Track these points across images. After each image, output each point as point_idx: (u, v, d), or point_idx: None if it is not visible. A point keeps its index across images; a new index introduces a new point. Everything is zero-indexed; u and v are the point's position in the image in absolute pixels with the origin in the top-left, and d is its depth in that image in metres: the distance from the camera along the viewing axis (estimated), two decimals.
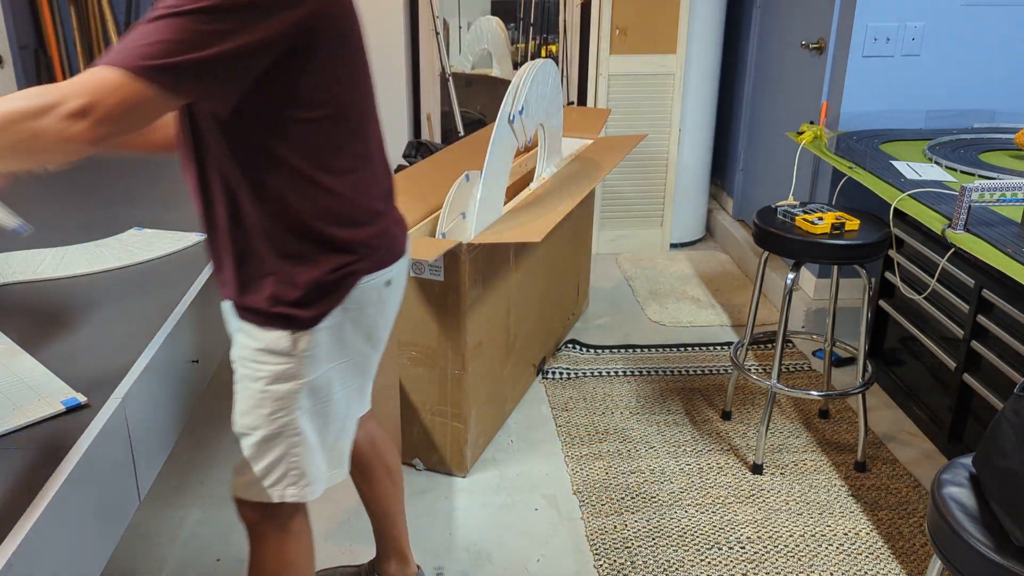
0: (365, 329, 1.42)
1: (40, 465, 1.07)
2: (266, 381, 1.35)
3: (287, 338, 1.32)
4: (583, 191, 2.59)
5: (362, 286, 1.36)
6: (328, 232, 1.31)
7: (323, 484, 1.49)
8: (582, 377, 3.02)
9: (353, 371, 1.45)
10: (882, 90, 3.08)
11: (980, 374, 2.33)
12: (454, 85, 4.11)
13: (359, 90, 1.32)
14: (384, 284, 1.41)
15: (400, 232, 1.47)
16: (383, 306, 1.43)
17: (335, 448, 1.50)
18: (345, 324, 1.37)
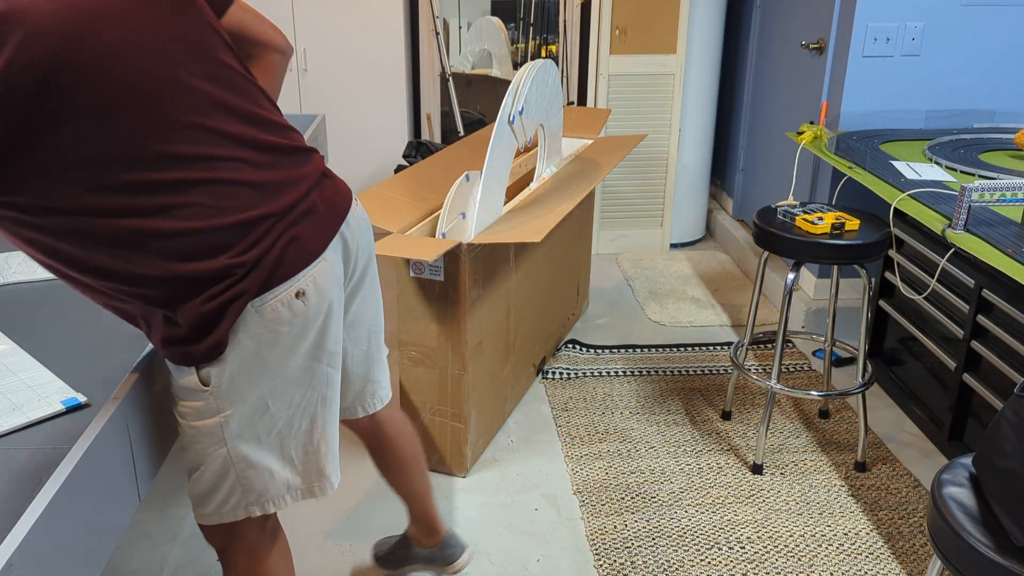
0: (292, 348, 1.31)
1: (40, 465, 1.07)
2: (192, 418, 1.31)
3: (194, 375, 1.27)
4: (583, 191, 2.59)
5: (260, 309, 1.25)
6: (179, 269, 1.19)
7: (290, 495, 1.43)
8: (582, 377, 3.02)
9: (298, 388, 1.36)
10: (882, 90, 3.08)
11: (980, 374, 2.33)
12: (454, 85, 4.11)
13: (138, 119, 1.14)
14: (294, 297, 1.28)
15: (312, 227, 1.31)
16: (306, 320, 1.30)
17: (303, 463, 1.42)
18: (261, 350, 1.28)
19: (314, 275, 1.30)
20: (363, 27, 3.82)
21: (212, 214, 1.20)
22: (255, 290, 1.24)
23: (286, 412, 1.36)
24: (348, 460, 2.53)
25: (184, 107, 1.19)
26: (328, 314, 1.35)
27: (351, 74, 3.90)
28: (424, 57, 4.01)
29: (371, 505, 2.35)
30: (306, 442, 1.41)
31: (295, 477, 1.42)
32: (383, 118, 3.98)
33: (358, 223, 1.46)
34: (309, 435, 1.41)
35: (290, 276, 1.27)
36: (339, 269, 1.38)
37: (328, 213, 1.35)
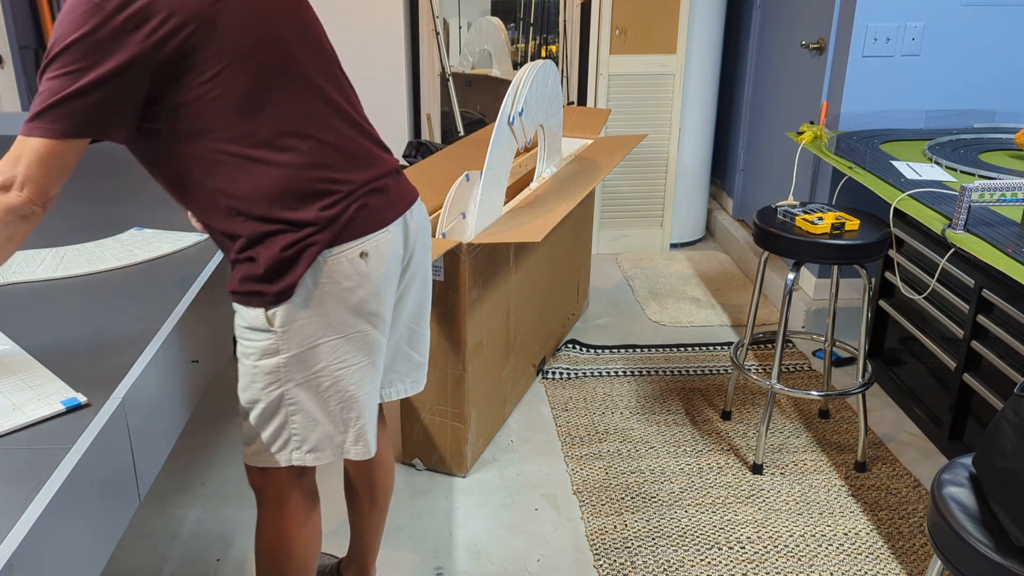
0: (350, 304, 1.44)
1: (40, 465, 1.07)
2: (255, 357, 1.45)
3: (262, 314, 1.41)
4: (583, 191, 2.59)
5: (328, 260, 1.40)
6: (272, 213, 1.37)
7: (334, 452, 1.54)
8: (582, 377, 3.02)
9: (350, 347, 1.47)
10: (882, 90, 3.08)
11: (980, 374, 2.33)
12: (454, 85, 4.11)
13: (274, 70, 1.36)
14: (358, 256, 1.42)
15: (382, 202, 1.48)
16: (365, 279, 1.44)
17: (345, 421, 1.52)
18: (324, 298, 1.42)
19: (377, 242, 1.45)
20: (363, 27, 3.82)
21: (317, 165, 1.39)
22: (326, 242, 1.39)
23: (339, 370, 1.47)
24: None
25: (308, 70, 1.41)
26: (386, 281, 1.48)
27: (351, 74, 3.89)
28: (424, 57, 4.01)
29: None
30: (352, 403, 1.51)
31: (339, 434, 1.53)
32: (383, 118, 3.98)
33: (421, 218, 1.60)
34: (355, 398, 1.51)
35: (357, 236, 1.42)
36: (400, 248, 1.51)
37: (397, 197, 1.51)
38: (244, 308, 1.43)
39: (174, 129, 1.32)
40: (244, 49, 1.32)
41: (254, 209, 1.37)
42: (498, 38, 4.81)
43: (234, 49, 1.31)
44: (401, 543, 2.21)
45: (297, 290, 1.40)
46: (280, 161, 1.37)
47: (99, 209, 2.04)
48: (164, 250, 1.77)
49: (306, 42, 1.42)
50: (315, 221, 1.39)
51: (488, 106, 4.69)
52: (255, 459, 1.54)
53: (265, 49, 1.34)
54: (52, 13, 4.12)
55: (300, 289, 1.40)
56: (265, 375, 1.45)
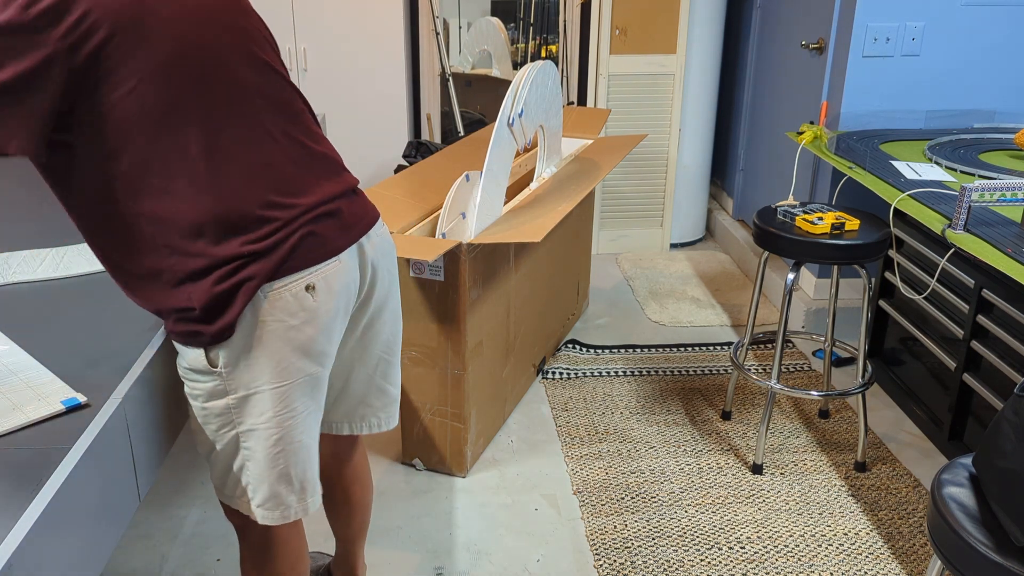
0: (296, 344, 1.32)
1: (40, 465, 1.07)
2: (203, 399, 1.35)
3: (203, 355, 1.30)
4: (583, 191, 2.59)
5: (269, 295, 1.28)
6: (200, 244, 1.24)
7: (282, 513, 1.42)
8: (582, 377, 3.02)
9: (298, 394, 1.36)
10: (882, 90, 3.08)
11: (980, 374, 2.33)
12: (454, 85, 4.11)
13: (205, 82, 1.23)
14: (303, 290, 1.30)
15: (332, 227, 1.34)
16: (313, 316, 1.32)
17: (293, 477, 1.41)
18: (267, 339, 1.29)
19: (326, 273, 1.32)
20: (363, 27, 3.82)
21: (243, 189, 1.26)
22: (266, 275, 1.26)
23: (288, 420, 1.36)
24: None
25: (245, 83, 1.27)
26: (335, 316, 1.36)
27: (351, 74, 3.90)
28: (424, 57, 4.01)
29: None
30: (299, 454, 1.41)
31: (287, 493, 1.42)
32: (383, 118, 3.98)
33: (382, 243, 1.47)
34: (304, 446, 1.41)
35: (302, 268, 1.30)
36: (354, 277, 1.39)
37: (351, 220, 1.39)
38: (182, 348, 1.32)
39: (92, 144, 1.18)
40: (171, 58, 1.19)
41: (181, 240, 1.23)
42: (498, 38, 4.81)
43: (160, 57, 1.18)
44: (401, 543, 2.21)
45: (237, 329, 1.27)
46: (209, 184, 1.23)
47: None
48: None
49: (244, 53, 1.30)
50: (250, 253, 1.25)
51: (488, 106, 4.69)
52: (223, 497, 1.46)
53: (195, 58, 1.22)
54: None
55: (240, 328, 1.27)
56: (216, 417, 1.35)
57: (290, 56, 3.86)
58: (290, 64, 3.86)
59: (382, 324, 1.55)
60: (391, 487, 2.43)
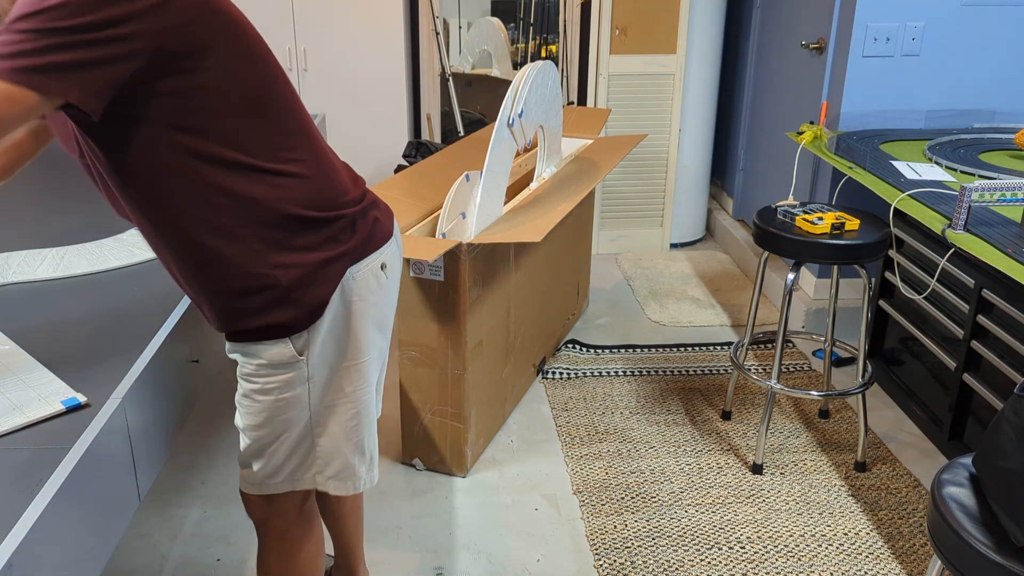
0: (375, 320, 1.42)
1: (40, 465, 1.07)
2: (278, 391, 1.36)
3: (289, 345, 1.33)
4: (583, 191, 2.59)
5: (356, 276, 1.36)
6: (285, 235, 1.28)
7: (354, 484, 1.49)
8: (582, 377, 3.02)
9: (373, 367, 1.45)
10: (882, 90, 3.08)
11: (980, 374, 2.33)
12: (454, 85, 4.11)
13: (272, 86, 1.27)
14: (380, 269, 1.40)
15: (381, 215, 1.46)
16: (386, 293, 1.43)
17: (366, 449, 1.49)
18: (352, 318, 1.37)
19: (391, 253, 1.44)
20: (363, 27, 3.82)
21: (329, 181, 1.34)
22: (353, 257, 1.35)
23: (365, 394, 1.44)
24: None
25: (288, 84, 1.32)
26: (397, 292, 1.48)
27: (351, 74, 3.90)
28: (424, 57, 4.01)
29: (371, 505, 2.35)
30: (370, 426, 1.49)
31: (360, 464, 1.49)
32: (383, 118, 3.98)
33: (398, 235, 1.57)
34: (372, 419, 1.50)
35: (377, 248, 1.40)
36: (401, 255, 1.51)
37: (385, 208, 1.50)
38: (258, 346, 1.33)
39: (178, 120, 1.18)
40: (251, 47, 1.23)
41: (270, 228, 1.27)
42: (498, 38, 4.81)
43: (245, 43, 1.22)
44: (401, 543, 2.21)
45: (327, 310, 1.33)
46: (308, 172, 1.30)
47: (99, 209, 2.03)
48: None
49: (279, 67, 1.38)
50: (337, 238, 1.33)
51: (488, 106, 4.69)
52: (254, 487, 1.46)
53: (261, 54, 1.26)
54: None
55: (329, 309, 1.33)
56: (291, 405, 1.38)
57: (290, 56, 3.86)
58: (290, 64, 3.86)
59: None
60: (391, 487, 2.43)
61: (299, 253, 1.29)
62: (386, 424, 2.68)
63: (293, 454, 1.44)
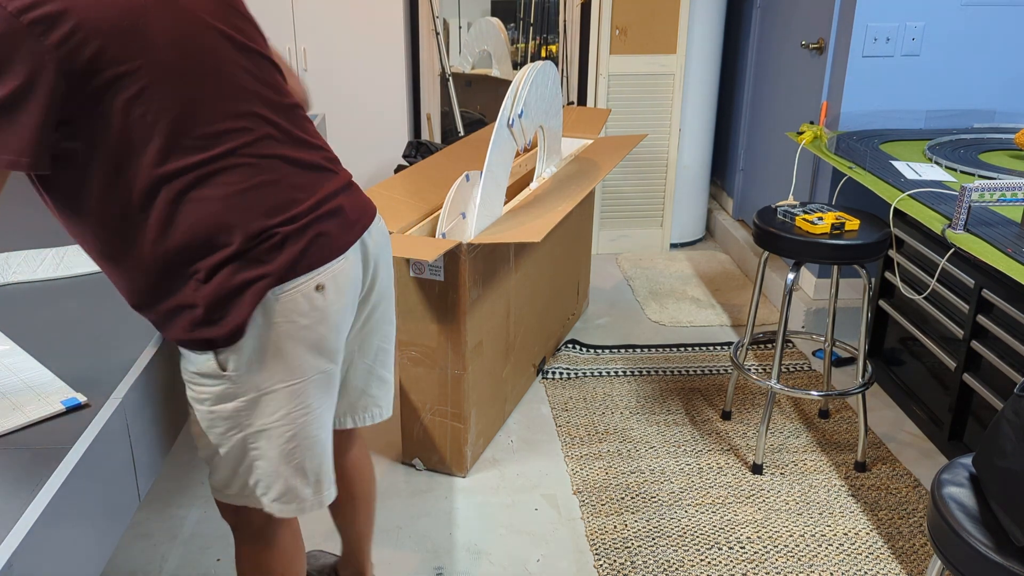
0: (309, 343, 1.32)
1: (40, 465, 1.07)
2: (210, 403, 1.34)
3: (213, 360, 1.29)
4: (583, 191, 2.59)
5: (281, 297, 1.27)
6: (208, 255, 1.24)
7: (298, 506, 1.44)
8: (582, 377, 3.02)
9: (313, 390, 1.37)
10: (882, 90, 3.08)
11: (980, 374, 2.33)
12: (454, 85, 4.11)
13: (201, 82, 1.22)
14: (314, 290, 1.30)
15: (338, 226, 1.34)
16: (324, 315, 1.32)
17: (308, 471, 1.42)
18: (279, 340, 1.29)
19: (334, 272, 1.33)
20: (363, 27, 3.82)
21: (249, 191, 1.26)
22: (275, 278, 1.26)
23: (302, 416, 1.37)
24: None
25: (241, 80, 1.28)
26: (344, 313, 1.38)
27: (351, 74, 3.90)
28: (424, 57, 4.01)
29: None
30: (315, 448, 1.42)
31: (303, 486, 1.43)
32: (383, 118, 3.98)
33: (380, 237, 1.48)
34: (319, 441, 1.42)
35: (312, 268, 1.30)
36: (358, 273, 1.40)
37: (354, 216, 1.39)
38: (191, 353, 1.31)
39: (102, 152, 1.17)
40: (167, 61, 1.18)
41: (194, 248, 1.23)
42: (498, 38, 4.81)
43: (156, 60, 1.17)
44: (401, 543, 2.21)
45: (248, 331, 1.26)
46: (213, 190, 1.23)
47: None
48: None
49: (238, 46, 1.29)
50: (259, 258, 1.25)
51: (488, 106, 4.69)
52: (220, 495, 1.45)
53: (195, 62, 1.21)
54: None
55: (251, 330, 1.27)
56: (223, 420, 1.34)
57: (290, 56, 3.86)
58: (290, 64, 3.85)
59: (381, 314, 1.56)
60: (391, 487, 2.43)
61: (215, 274, 1.24)
62: (386, 424, 2.68)
63: (235, 472, 1.40)
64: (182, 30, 1.22)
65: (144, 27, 1.17)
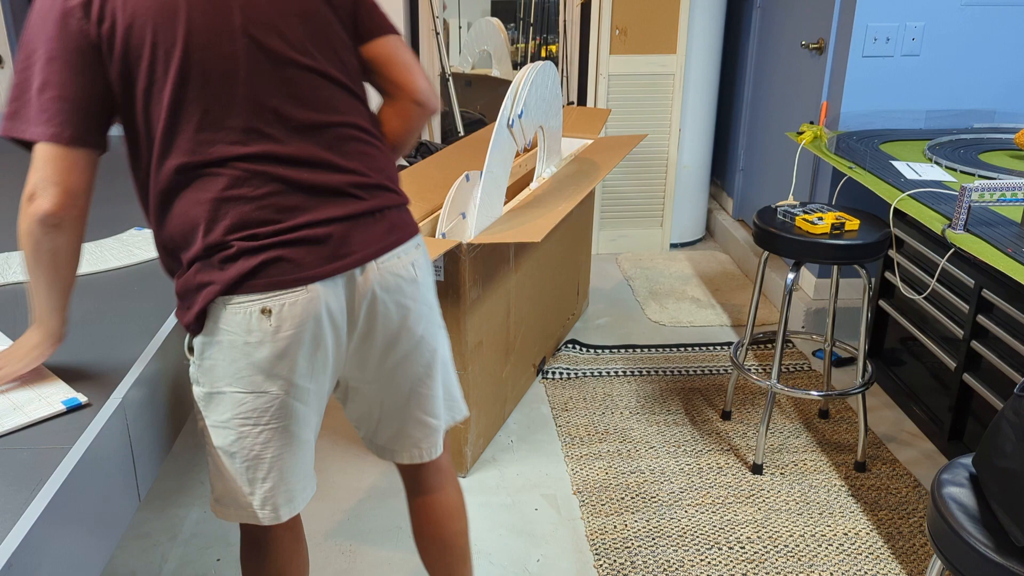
0: (253, 360, 1.29)
1: (40, 465, 1.07)
2: (191, 381, 1.38)
3: (188, 339, 1.35)
4: (583, 191, 2.59)
5: (227, 307, 1.27)
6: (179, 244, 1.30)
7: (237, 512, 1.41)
8: (582, 377, 3.02)
9: (258, 405, 1.32)
10: (882, 90, 3.08)
11: (980, 374, 2.33)
12: (454, 85, 4.10)
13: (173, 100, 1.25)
14: (259, 311, 1.27)
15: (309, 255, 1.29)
16: (268, 337, 1.28)
17: (250, 480, 1.38)
18: (226, 346, 1.29)
19: (286, 300, 1.28)
20: None
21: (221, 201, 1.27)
22: (221, 289, 1.27)
23: (243, 426, 1.34)
24: (347, 459, 2.53)
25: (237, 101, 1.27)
26: (297, 345, 1.30)
27: None
28: (424, 57, 4.01)
29: (371, 505, 2.35)
30: (258, 464, 1.37)
31: (243, 494, 1.40)
32: None
33: (390, 275, 1.38)
34: (261, 458, 1.37)
35: (259, 291, 1.27)
36: (334, 308, 1.33)
37: (342, 249, 1.32)
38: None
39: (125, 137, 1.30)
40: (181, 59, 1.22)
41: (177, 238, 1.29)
42: (498, 38, 4.81)
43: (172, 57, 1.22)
44: (401, 543, 2.21)
45: (205, 327, 1.30)
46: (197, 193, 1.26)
47: (99, 209, 2.03)
48: None
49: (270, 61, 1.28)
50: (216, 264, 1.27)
51: (488, 106, 4.69)
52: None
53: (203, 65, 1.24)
54: None
55: (207, 327, 1.30)
56: (196, 401, 1.37)
57: None
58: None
59: (404, 358, 1.47)
60: (391, 487, 2.43)
61: (185, 266, 1.30)
62: None
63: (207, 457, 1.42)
64: (205, 36, 1.24)
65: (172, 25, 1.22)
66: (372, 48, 1.41)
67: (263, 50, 1.27)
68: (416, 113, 1.45)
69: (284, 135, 1.29)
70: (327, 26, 1.34)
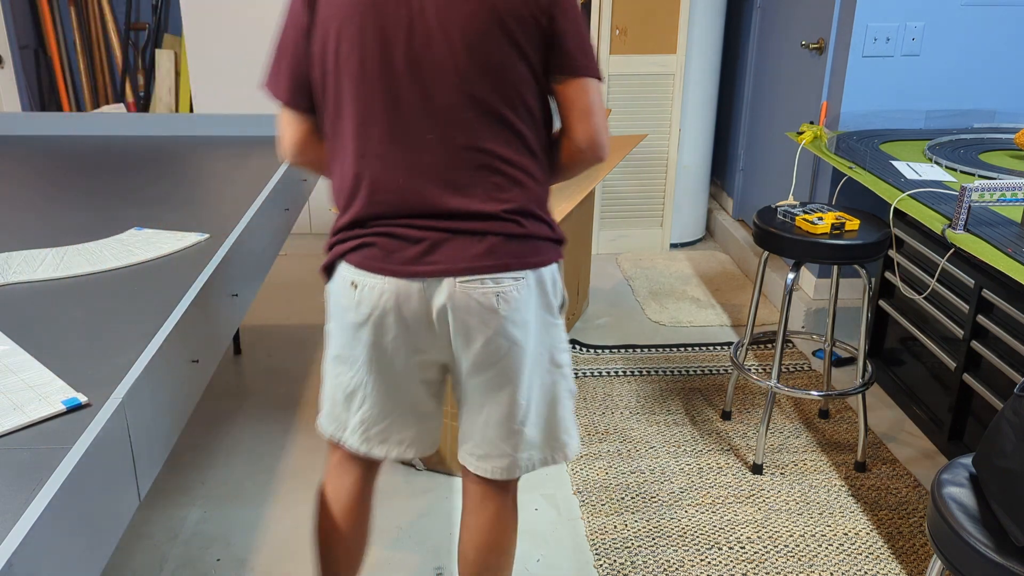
0: (345, 321, 1.49)
1: (40, 465, 1.07)
2: None
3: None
4: (583, 191, 2.59)
5: (339, 267, 1.47)
6: (338, 201, 1.48)
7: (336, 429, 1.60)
8: (582, 377, 3.02)
9: (350, 357, 1.51)
10: (882, 90, 3.08)
11: (980, 374, 2.33)
12: None
13: (336, 84, 1.41)
14: (349, 284, 1.45)
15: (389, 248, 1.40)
16: (353, 309, 1.46)
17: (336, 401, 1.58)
18: (333, 302, 1.50)
19: (369, 283, 1.43)
20: None
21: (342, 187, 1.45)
22: (342, 250, 1.46)
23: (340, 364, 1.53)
24: None
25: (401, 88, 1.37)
26: (371, 324, 1.45)
27: None
28: None
29: None
30: (332, 392, 1.58)
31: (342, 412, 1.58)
32: None
33: (465, 301, 1.40)
34: (335, 402, 1.58)
35: (352, 264, 1.44)
36: (404, 307, 1.42)
37: (424, 256, 1.40)
38: None
39: None
40: (341, 27, 1.37)
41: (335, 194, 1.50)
42: None
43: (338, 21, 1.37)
44: (401, 543, 2.21)
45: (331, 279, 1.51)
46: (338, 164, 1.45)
47: (99, 209, 2.04)
48: (164, 250, 1.77)
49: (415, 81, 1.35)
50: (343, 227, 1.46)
51: None
52: None
53: (360, 39, 1.36)
54: (52, 13, 4.12)
55: (332, 279, 1.51)
56: None
57: None
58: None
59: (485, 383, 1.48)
60: (391, 487, 2.43)
61: (338, 220, 1.48)
62: None
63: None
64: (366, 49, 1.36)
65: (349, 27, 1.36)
66: (560, 88, 1.44)
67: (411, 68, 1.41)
68: (579, 157, 1.48)
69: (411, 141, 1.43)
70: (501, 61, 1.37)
